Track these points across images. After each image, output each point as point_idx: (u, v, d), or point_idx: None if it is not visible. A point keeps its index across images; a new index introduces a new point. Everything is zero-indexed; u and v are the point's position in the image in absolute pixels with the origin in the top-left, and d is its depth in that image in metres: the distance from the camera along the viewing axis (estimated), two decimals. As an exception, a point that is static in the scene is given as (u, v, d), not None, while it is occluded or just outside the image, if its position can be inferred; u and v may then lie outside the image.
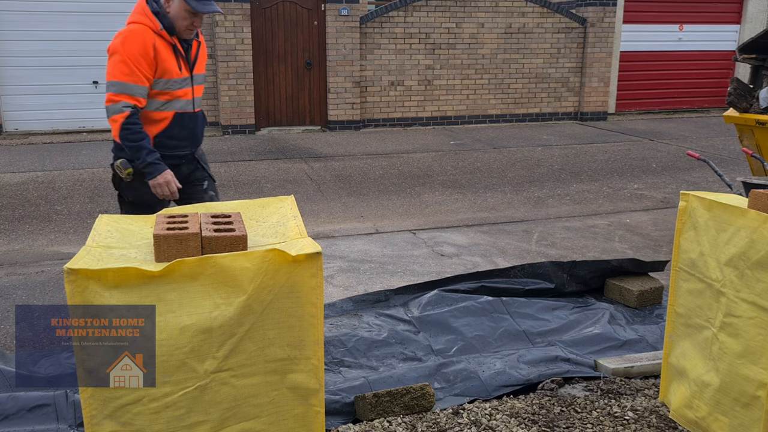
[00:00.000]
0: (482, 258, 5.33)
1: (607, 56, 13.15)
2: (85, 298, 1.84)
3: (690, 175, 8.51)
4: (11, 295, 4.58)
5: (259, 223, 2.35)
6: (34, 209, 6.84)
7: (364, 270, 5.03)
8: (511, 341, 3.78)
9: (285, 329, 2.03)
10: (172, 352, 1.90)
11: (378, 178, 8.28)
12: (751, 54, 6.18)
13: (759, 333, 2.45)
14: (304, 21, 11.51)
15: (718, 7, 14.44)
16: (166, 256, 1.97)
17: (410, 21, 12.02)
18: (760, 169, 5.51)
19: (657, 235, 6.00)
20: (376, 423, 3.02)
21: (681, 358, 2.89)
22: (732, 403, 2.59)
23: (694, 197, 2.80)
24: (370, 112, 12.17)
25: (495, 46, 12.57)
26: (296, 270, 2.00)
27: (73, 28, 10.83)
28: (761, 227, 2.43)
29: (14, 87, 10.80)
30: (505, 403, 3.20)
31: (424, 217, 6.61)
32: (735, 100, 5.85)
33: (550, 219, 6.53)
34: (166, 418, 1.94)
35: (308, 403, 2.11)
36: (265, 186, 7.81)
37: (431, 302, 4.02)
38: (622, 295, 4.28)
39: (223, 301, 1.93)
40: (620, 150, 10.20)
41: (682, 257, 2.87)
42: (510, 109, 12.93)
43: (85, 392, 1.90)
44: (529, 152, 9.98)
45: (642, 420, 3.06)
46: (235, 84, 11.21)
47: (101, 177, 8.14)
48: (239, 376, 2.00)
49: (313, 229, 6.08)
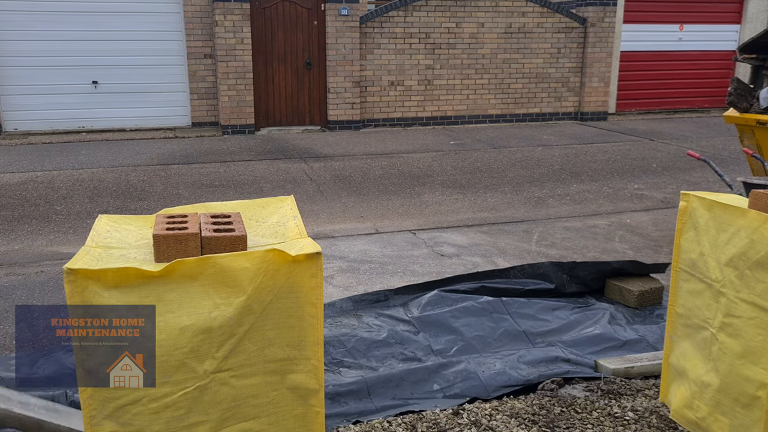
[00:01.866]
0: (482, 258, 5.32)
1: (608, 56, 13.15)
2: (84, 298, 1.84)
3: (690, 175, 8.51)
4: (11, 295, 4.57)
5: (258, 223, 2.35)
6: (34, 209, 6.84)
7: (364, 270, 5.03)
8: (511, 341, 3.78)
9: (285, 329, 2.03)
10: (172, 353, 1.90)
11: (378, 178, 8.28)
12: (752, 54, 6.17)
13: (759, 333, 2.45)
14: (303, 21, 11.51)
15: (718, 7, 14.44)
16: (165, 256, 1.97)
17: (410, 21, 12.02)
18: (760, 169, 5.50)
19: (657, 235, 6.00)
20: (376, 423, 3.02)
21: (681, 359, 2.89)
22: (732, 404, 2.59)
23: (694, 197, 2.79)
24: (370, 112, 12.17)
25: (495, 46, 12.57)
26: (296, 270, 1.99)
27: (73, 28, 10.83)
28: (761, 227, 2.42)
29: (14, 87, 10.79)
30: (505, 404, 3.20)
31: (424, 217, 6.61)
32: (735, 100, 5.84)
33: (550, 219, 6.53)
34: (165, 418, 1.94)
35: (308, 403, 2.11)
36: (264, 186, 7.80)
37: (431, 302, 4.02)
38: (622, 295, 4.28)
39: (222, 302, 1.93)
40: (620, 150, 10.20)
41: (682, 257, 2.87)
42: (510, 109, 12.93)
43: (85, 392, 1.89)
44: (529, 152, 9.98)
45: (642, 420, 3.06)
46: (235, 84, 11.21)
47: (101, 177, 8.14)
48: (239, 376, 2.00)
49: (312, 229, 6.08)
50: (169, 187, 7.72)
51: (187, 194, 7.39)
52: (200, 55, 11.43)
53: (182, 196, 7.29)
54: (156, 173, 8.37)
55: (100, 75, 11.10)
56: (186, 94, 11.60)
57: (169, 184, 7.83)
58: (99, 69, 11.06)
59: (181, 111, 11.69)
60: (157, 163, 8.92)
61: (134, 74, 11.25)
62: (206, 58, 11.46)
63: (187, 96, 11.60)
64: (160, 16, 11.28)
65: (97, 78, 11.09)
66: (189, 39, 11.34)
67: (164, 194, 7.40)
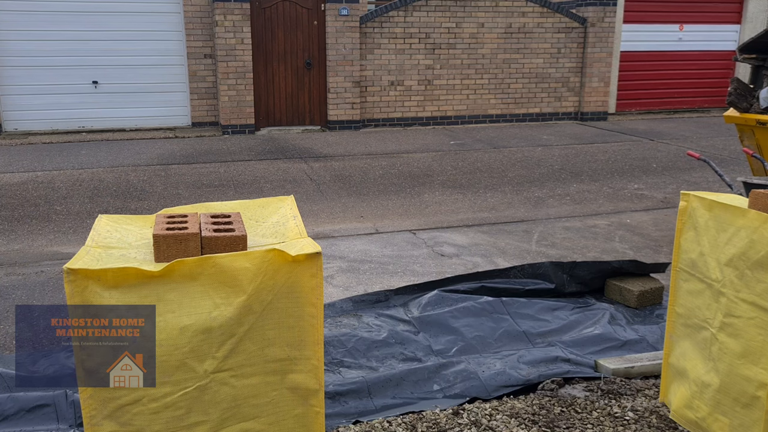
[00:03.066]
0: (482, 258, 5.32)
1: (608, 56, 13.15)
2: (84, 298, 1.84)
3: (690, 175, 8.51)
4: (11, 295, 4.57)
5: (258, 223, 2.35)
6: (34, 209, 6.84)
7: (364, 270, 5.03)
8: (511, 341, 3.78)
9: (285, 329, 2.03)
10: (172, 352, 1.90)
11: (378, 178, 8.28)
12: (752, 54, 6.17)
13: (759, 333, 2.45)
14: (303, 21, 11.51)
15: (718, 7, 14.44)
16: (165, 256, 1.97)
17: (410, 21, 12.02)
18: (760, 169, 5.50)
19: (657, 235, 6.00)
20: (376, 423, 3.02)
21: (681, 359, 2.89)
22: (732, 404, 2.59)
23: (694, 197, 2.79)
24: (370, 112, 12.17)
25: (495, 46, 12.57)
26: (296, 270, 1.99)
27: (73, 28, 10.83)
28: (761, 227, 2.42)
29: (14, 87, 10.79)
30: (505, 404, 3.20)
31: (424, 217, 6.61)
32: (735, 100, 5.84)
33: (550, 219, 6.53)
34: (165, 418, 1.94)
35: (308, 403, 2.11)
36: (264, 186, 7.80)
37: (431, 302, 4.02)
38: (622, 295, 4.28)
39: (222, 301, 1.93)
40: (620, 150, 10.20)
41: (682, 257, 2.87)
42: (510, 109, 12.93)
43: (85, 392, 1.89)
44: (529, 152, 9.98)
45: (642, 420, 3.06)
46: (235, 84, 11.21)
47: (101, 177, 8.15)
48: (239, 376, 2.00)
49: (312, 229, 6.08)
50: (169, 187, 7.72)
51: (187, 194, 7.39)
52: (200, 55, 11.44)
53: (182, 196, 7.29)
54: (156, 173, 8.37)
55: (101, 75, 11.10)
56: (186, 94, 11.60)
57: (169, 184, 7.83)
58: (99, 69, 11.06)
59: (181, 111, 11.69)
60: (157, 163, 8.92)
61: (134, 74, 11.25)
62: (206, 58, 11.46)
63: (187, 96, 11.61)
64: (160, 16, 11.28)
65: (98, 78, 11.09)
66: (189, 39, 11.34)
67: (164, 194, 7.40)
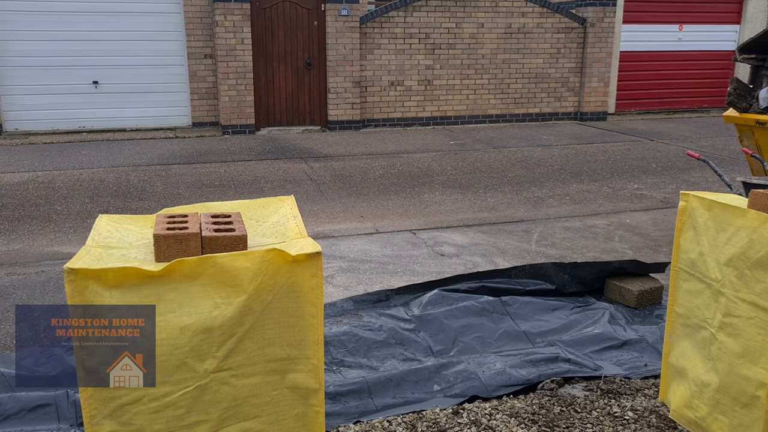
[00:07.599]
0: (482, 258, 5.33)
1: (607, 56, 13.15)
2: (85, 298, 1.84)
3: (690, 175, 8.51)
4: (11, 295, 4.58)
5: (259, 223, 2.35)
6: (34, 209, 6.84)
7: (364, 270, 5.03)
8: (512, 341, 3.78)
9: (285, 329, 2.03)
10: (172, 352, 1.90)
11: (378, 178, 8.28)
12: (751, 54, 6.17)
13: (758, 333, 2.45)
14: (304, 21, 11.51)
15: (718, 7, 14.44)
16: (166, 256, 1.97)
17: (410, 21, 12.02)
18: (759, 169, 5.51)
19: (657, 235, 6.00)
20: (376, 423, 3.02)
21: (681, 358, 2.90)
22: (731, 403, 2.59)
23: (693, 197, 2.80)
24: (370, 112, 12.17)
25: (495, 46, 12.57)
26: (296, 270, 2.00)
27: (73, 28, 10.83)
28: (761, 227, 2.43)
29: (14, 87, 10.79)
30: (505, 403, 3.20)
31: (424, 217, 6.61)
32: (735, 100, 5.85)
33: (550, 219, 6.53)
34: (165, 417, 1.94)
35: (308, 403, 2.11)
36: (265, 186, 7.81)
37: (431, 302, 4.02)
38: (622, 295, 4.28)
39: (223, 301, 1.94)
40: (620, 150, 10.20)
41: (681, 257, 2.87)
42: (510, 109, 12.93)
43: (85, 392, 1.90)
44: (529, 152, 9.98)
45: (642, 420, 3.06)
46: (235, 84, 11.21)
47: (101, 177, 8.15)
48: (239, 375, 2.00)
49: (313, 229, 6.08)
50: (170, 186, 7.73)
51: (187, 194, 7.40)
52: (200, 55, 11.44)
53: (182, 196, 7.29)
54: (156, 173, 8.38)
55: (101, 75, 11.10)
56: (186, 94, 11.60)
57: (169, 184, 7.83)
58: (99, 69, 11.06)
59: (182, 111, 11.69)
60: (157, 163, 8.92)
61: (134, 74, 11.25)
62: (206, 58, 11.47)
63: (187, 96, 11.61)
64: (160, 16, 11.28)
65: (98, 78, 11.09)
66: (189, 39, 11.34)
67: (164, 194, 7.40)
